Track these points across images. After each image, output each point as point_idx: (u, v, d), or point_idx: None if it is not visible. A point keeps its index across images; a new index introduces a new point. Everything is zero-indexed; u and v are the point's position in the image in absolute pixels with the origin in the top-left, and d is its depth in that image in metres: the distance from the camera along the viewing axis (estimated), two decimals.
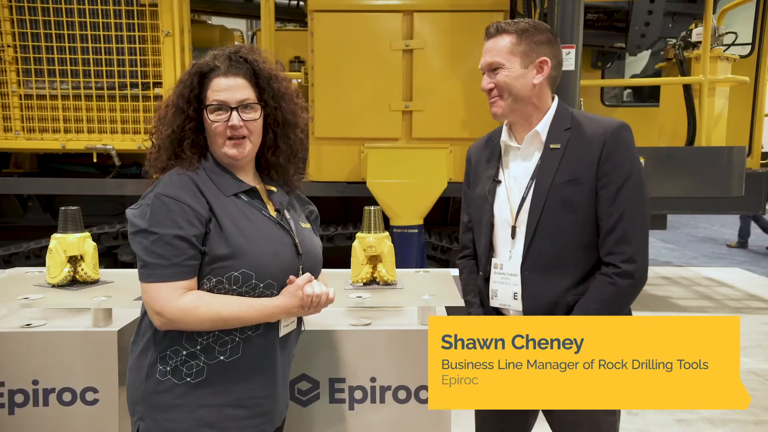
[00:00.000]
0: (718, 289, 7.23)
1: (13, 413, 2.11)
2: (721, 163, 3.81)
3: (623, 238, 1.58)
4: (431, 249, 4.24)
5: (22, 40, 4.00)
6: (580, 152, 1.63)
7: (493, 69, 1.68)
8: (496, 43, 1.68)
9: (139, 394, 1.52)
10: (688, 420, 3.64)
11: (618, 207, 1.59)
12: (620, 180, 1.59)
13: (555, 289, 1.64)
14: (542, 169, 1.66)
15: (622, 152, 1.60)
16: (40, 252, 4.21)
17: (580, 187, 1.61)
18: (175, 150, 1.55)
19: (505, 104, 1.69)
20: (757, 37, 5.12)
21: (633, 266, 1.58)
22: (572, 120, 1.68)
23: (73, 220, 2.40)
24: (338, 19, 3.97)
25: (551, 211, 1.63)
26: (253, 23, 9.14)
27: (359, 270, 2.41)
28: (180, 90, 1.53)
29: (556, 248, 1.64)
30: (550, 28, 1.72)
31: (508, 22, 1.69)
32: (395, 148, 3.98)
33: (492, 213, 1.75)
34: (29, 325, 2.17)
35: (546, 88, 1.70)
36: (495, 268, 1.74)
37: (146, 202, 1.47)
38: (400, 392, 2.17)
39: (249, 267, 1.47)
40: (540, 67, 1.67)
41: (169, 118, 1.54)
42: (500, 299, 1.73)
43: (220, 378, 1.50)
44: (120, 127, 4.09)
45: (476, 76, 4.04)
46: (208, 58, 1.56)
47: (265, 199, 1.63)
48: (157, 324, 1.46)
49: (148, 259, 1.44)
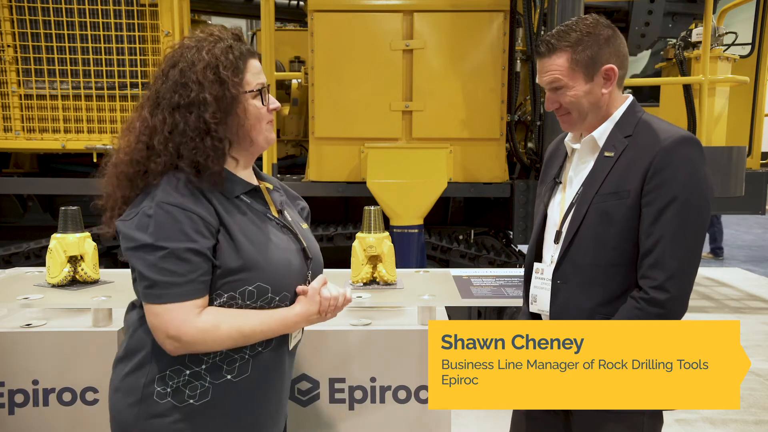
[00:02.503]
0: (718, 289, 7.23)
1: (13, 413, 2.11)
2: (721, 163, 3.81)
3: (658, 262, 1.45)
4: (431, 249, 4.23)
5: (22, 40, 4.00)
6: (630, 164, 1.50)
7: (555, 88, 1.56)
8: (553, 62, 1.55)
9: (128, 418, 1.35)
10: (688, 420, 3.64)
11: (659, 228, 1.45)
12: (666, 199, 1.44)
13: (584, 303, 1.55)
14: (592, 177, 1.56)
15: (675, 168, 1.45)
16: (40, 252, 4.21)
17: (621, 201, 1.49)
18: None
19: (576, 119, 1.58)
20: (757, 37, 5.11)
21: (664, 295, 1.44)
22: (636, 126, 1.55)
23: (73, 220, 2.40)
24: (338, 19, 3.97)
25: (590, 223, 1.53)
26: (253, 23, 9.13)
27: (359, 270, 2.41)
28: (229, 70, 1.33)
29: (589, 261, 1.54)
30: (605, 22, 1.56)
31: (559, 35, 1.55)
32: (395, 148, 3.98)
33: (545, 213, 1.69)
34: (29, 325, 2.17)
35: (615, 91, 1.58)
36: (536, 272, 1.67)
37: (145, 211, 1.28)
38: (400, 392, 2.17)
39: (264, 280, 1.35)
40: (606, 75, 1.55)
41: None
42: (539, 305, 1.65)
43: (226, 399, 1.37)
44: (120, 127, 4.08)
45: (476, 76, 4.05)
46: (228, 41, 1.36)
47: (268, 199, 1.50)
48: (169, 349, 1.29)
49: (157, 278, 1.26)
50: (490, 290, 2.37)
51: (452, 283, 2.49)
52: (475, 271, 2.73)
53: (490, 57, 3.95)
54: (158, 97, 1.35)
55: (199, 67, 1.32)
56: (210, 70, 1.31)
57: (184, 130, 1.31)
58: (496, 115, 4.00)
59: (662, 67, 4.90)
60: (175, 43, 1.40)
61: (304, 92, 4.67)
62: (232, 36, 1.38)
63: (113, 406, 1.39)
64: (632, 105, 1.60)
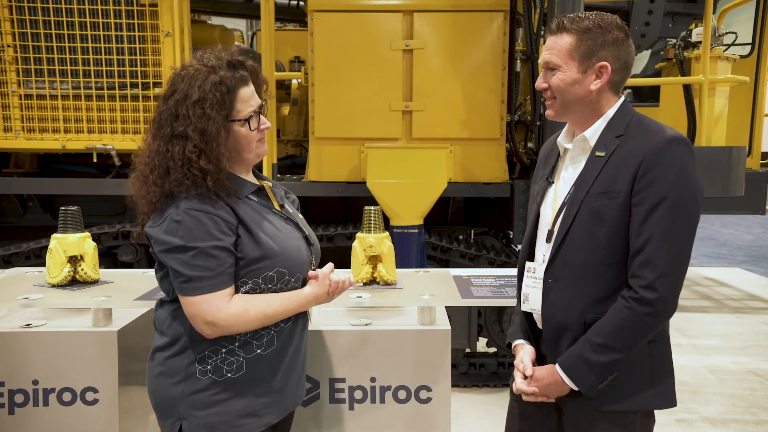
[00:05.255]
0: (718, 289, 7.23)
1: (13, 413, 2.11)
2: (721, 163, 3.81)
3: (648, 262, 1.46)
4: (431, 249, 4.23)
5: (22, 40, 4.00)
6: (621, 163, 1.52)
7: (550, 68, 1.59)
8: (556, 41, 1.57)
9: (176, 395, 1.56)
10: (688, 420, 3.64)
11: (648, 228, 1.46)
12: (656, 198, 1.46)
13: (575, 302, 1.57)
14: (583, 177, 1.58)
15: (663, 168, 1.46)
16: (40, 252, 4.20)
17: (611, 201, 1.51)
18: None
19: (558, 107, 1.61)
20: (757, 37, 5.12)
21: (653, 294, 1.45)
22: (628, 126, 1.56)
23: (73, 220, 2.40)
24: (338, 19, 3.97)
25: (581, 222, 1.55)
26: (253, 23, 9.14)
27: (359, 270, 2.42)
28: (214, 107, 1.49)
29: (581, 260, 1.55)
30: (621, 25, 1.58)
31: (572, 19, 1.57)
32: (395, 148, 3.97)
33: (538, 213, 1.71)
34: (29, 325, 2.17)
35: (607, 92, 1.60)
36: (528, 271, 1.68)
37: (173, 217, 1.48)
38: (400, 392, 2.17)
39: (281, 265, 1.57)
40: (599, 72, 1.56)
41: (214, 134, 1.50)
42: (531, 303, 1.67)
43: (258, 369, 1.59)
44: (120, 127, 4.08)
45: (476, 76, 4.05)
46: (221, 72, 1.52)
47: (271, 195, 1.70)
48: (207, 333, 1.51)
49: (191, 273, 1.47)
50: (490, 290, 2.37)
51: (452, 283, 2.49)
52: (475, 271, 2.73)
53: (490, 57, 3.94)
54: (160, 121, 1.53)
55: (191, 101, 1.49)
56: (198, 107, 1.48)
57: (173, 158, 1.49)
58: (496, 115, 4.00)
59: (662, 67, 4.90)
60: (177, 68, 1.57)
61: (304, 92, 4.67)
62: (227, 65, 1.54)
63: (157, 389, 1.59)
64: (624, 105, 1.62)
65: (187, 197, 1.49)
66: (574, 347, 1.55)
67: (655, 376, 1.57)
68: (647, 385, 1.56)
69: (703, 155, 3.77)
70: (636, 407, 1.56)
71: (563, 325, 1.58)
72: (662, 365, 1.58)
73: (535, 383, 1.61)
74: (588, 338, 1.52)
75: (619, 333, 1.48)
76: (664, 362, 1.59)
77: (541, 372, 1.61)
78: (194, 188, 1.49)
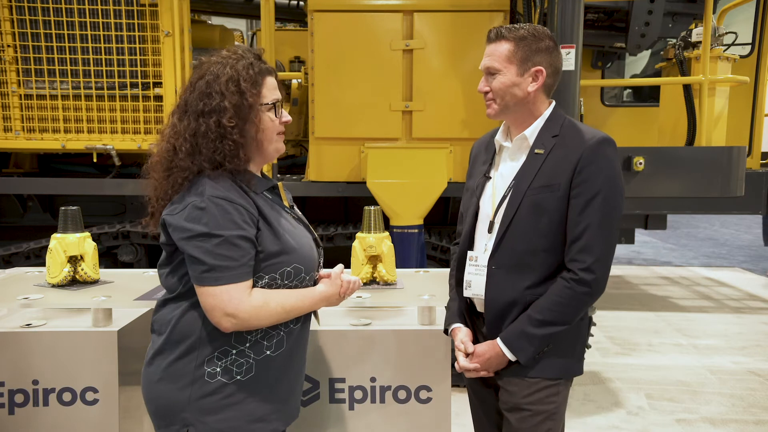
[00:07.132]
0: (718, 289, 7.24)
1: (13, 413, 2.11)
2: (721, 163, 3.80)
3: (586, 247, 1.65)
4: (431, 249, 4.23)
5: (22, 40, 4.00)
6: (559, 160, 1.69)
7: (490, 73, 1.75)
8: (495, 48, 1.74)
9: (182, 401, 1.50)
10: (688, 420, 3.64)
11: (585, 218, 1.65)
12: (591, 192, 1.65)
13: (517, 285, 1.72)
14: (523, 172, 1.74)
15: (597, 166, 1.65)
16: (40, 252, 4.20)
17: (552, 194, 1.68)
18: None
19: (498, 108, 1.77)
20: (757, 37, 5.11)
21: (591, 276, 1.65)
22: (562, 128, 1.74)
23: (73, 220, 2.40)
24: (338, 19, 3.97)
25: (524, 213, 1.70)
26: (253, 23, 9.15)
27: (359, 270, 2.42)
28: (248, 83, 1.52)
29: (523, 248, 1.71)
30: (551, 35, 1.76)
31: (509, 28, 1.74)
32: (395, 148, 3.98)
33: (477, 206, 1.84)
34: (29, 325, 2.17)
35: (541, 95, 1.76)
36: (470, 260, 1.81)
37: (197, 204, 1.45)
38: (400, 392, 2.17)
39: (298, 261, 1.56)
40: (535, 75, 1.72)
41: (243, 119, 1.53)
42: (473, 289, 1.80)
43: (267, 372, 1.56)
44: (120, 127, 4.08)
45: (476, 76, 4.03)
46: (249, 59, 1.55)
47: (283, 194, 1.70)
48: (225, 327, 1.46)
49: (214, 263, 1.43)
50: None
51: None
52: None
53: None
54: (186, 105, 1.53)
55: (223, 79, 1.50)
56: (232, 83, 1.50)
57: (205, 132, 1.49)
58: None
59: (662, 67, 4.90)
60: (202, 58, 1.59)
61: (304, 92, 4.67)
62: (254, 55, 1.57)
63: (159, 395, 1.52)
64: (556, 108, 1.80)
65: (213, 184, 1.46)
66: (515, 324, 1.71)
67: (577, 348, 1.78)
68: (571, 355, 1.76)
69: (703, 155, 3.77)
70: (563, 375, 1.75)
71: (507, 306, 1.73)
72: (582, 339, 1.79)
73: (476, 359, 1.75)
74: (529, 315, 1.69)
75: (560, 310, 1.66)
76: (582, 337, 1.79)
77: (482, 347, 1.76)
78: (229, 160, 1.48)
